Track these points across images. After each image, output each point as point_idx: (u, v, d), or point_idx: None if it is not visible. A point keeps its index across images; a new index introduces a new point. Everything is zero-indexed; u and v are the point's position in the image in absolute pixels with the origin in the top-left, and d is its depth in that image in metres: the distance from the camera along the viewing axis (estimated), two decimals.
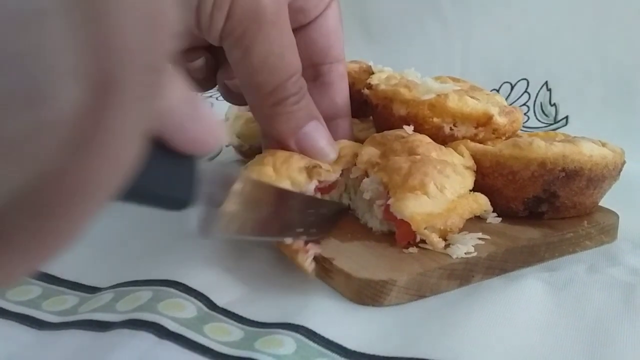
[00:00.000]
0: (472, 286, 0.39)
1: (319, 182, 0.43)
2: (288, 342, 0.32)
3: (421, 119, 0.47)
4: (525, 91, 0.82)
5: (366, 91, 0.51)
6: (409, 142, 0.41)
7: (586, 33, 0.78)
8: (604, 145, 0.45)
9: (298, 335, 0.32)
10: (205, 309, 0.35)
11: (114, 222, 0.47)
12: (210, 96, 1.05)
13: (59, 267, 0.40)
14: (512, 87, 0.82)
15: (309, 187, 0.42)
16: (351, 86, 0.58)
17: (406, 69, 0.55)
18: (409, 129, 0.45)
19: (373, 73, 0.58)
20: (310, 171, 0.42)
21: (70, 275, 0.40)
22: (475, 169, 0.43)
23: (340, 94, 0.50)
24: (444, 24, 0.90)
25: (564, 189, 0.44)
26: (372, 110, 0.53)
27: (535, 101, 0.81)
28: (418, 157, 0.40)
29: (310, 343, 0.32)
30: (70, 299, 0.37)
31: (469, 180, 0.41)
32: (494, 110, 0.47)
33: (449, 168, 0.39)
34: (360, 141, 0.52)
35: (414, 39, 0.92)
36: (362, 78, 0.57)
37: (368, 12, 0.96)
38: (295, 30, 0.43)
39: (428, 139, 0.43)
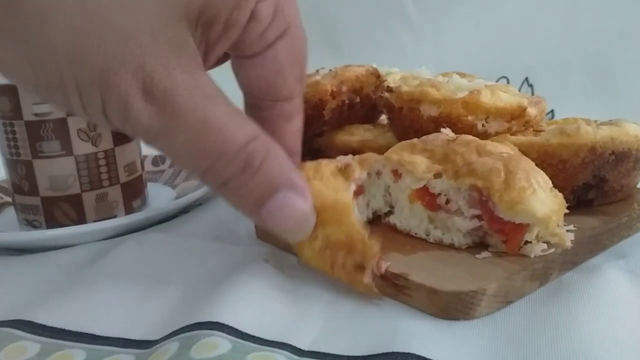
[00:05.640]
0: (552, 285, 0.37)
1: (355, 184, 0.40)
2: None
3: (455, 117, 0.45)
4: None
5: (386, 94, 0.49)
6: (469, 142, 0.39)
7: (559, 23, 0.79)
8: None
9: None
10: (295, 356, 0.31)
11: (140, 270, 0.42)
12: None
13: (95, 322, 0.36)
14: None
15: (351, 190, 0.39)
16: (359, 90, 0.55)
17: (417, 68, 0.53)
18: (448, 131, 0.43)
19: (379, 76, 0.56)
20: (344, 172, 0.40)
21: (110, 330, 0.35)
22: None
23: (284, 133, 0.40)
24: (411, 27, 0.88)
25: (613, 173, 0.43)
26: (391, 114, 0.50)
27: None
28: (505, 154, 0.37)
29: None
30: (125, 359, 0.32)
31: None
32: (526, 102, 0.46)
33: (532, 163, 0.38)
34: (379, 147, 0.49)
35: (382, 46, 0.90)
36: (369, 81, 0.55)
37: (331, 21, 0.93)
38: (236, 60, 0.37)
39: (476, 138, 0.41)
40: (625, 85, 0.77)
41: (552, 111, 0.78)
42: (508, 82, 0.82)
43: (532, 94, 0.80)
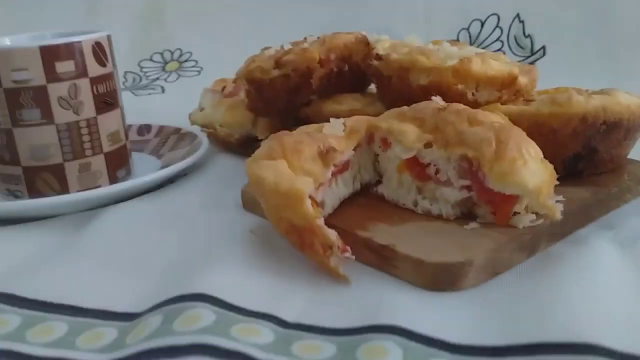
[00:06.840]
0: (540, 256, 0.37)
1: (335, 166, 0.39)
2: (392, 348, 0.28)
3: (445, 86, 0.44)
4: (497, 26, 0.78)
5: (375, 62, 0.48)
6: (460, 111, 0.38)
7: None
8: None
9: (397, 338, 0.29)
10: (280, 329, 0.31)
11: (118, 238, 0.41)
12: (157, 78, 0.97)
13: (77, 294, 0.35)
14: (482, 24, 0.79)
15: (327, 176, 0.38)
16: (348, 58, 0.54)
17: (405, 36, 0.52)
18: (439, 99, 0.42)
19: (368, 43, 0.54)
20: (325, 157, 0.38)
21: (92, 302, 0.34)
22: None
23: None
24: None
25: (604, 143, 0.42)
26: (380, 82, 0.49)
27: (508, 35, 0.78)
28: (497, 124, 0.37)
29: (413, 344, 0.29)
30: (108, 331, 0.32)
31: None
32: (517, 71, 0.45)
33: (523, 133, 0.37)
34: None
35: None
36: (358, 49, 0.54)
37: None
38: None
39: (466, 107, 0.40)
40: (621, 20, 0.73)
41: (543, 47, 0.76)
42: (499, 19, 0.79)
43: (524, 31, 0.78)
